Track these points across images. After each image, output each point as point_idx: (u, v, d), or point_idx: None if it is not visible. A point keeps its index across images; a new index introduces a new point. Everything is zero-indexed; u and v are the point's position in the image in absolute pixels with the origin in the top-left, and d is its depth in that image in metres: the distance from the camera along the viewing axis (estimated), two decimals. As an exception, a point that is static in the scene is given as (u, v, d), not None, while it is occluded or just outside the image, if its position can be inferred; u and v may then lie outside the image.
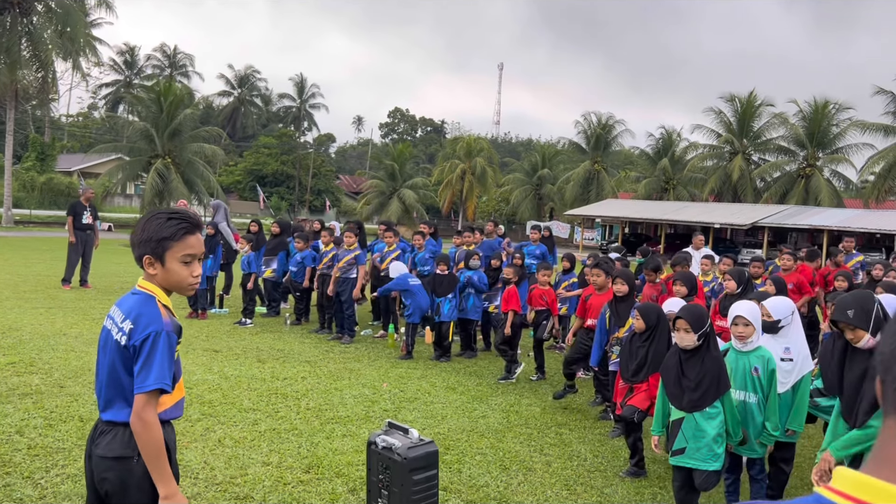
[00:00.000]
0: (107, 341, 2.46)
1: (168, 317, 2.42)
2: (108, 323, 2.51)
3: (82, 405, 5.91)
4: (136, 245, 2.44)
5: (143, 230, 2.43)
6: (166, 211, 2.51)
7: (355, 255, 9.50)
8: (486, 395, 7.23)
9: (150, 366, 2.31)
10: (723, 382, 3.79)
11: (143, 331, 2.33)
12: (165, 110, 36.71)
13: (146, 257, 2.41)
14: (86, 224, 13.23)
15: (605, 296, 6.78)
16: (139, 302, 2.42)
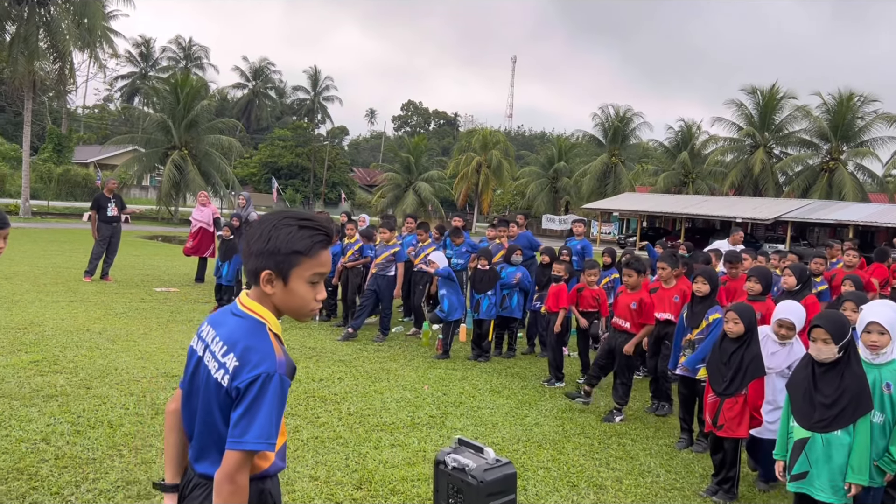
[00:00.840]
0: (200, 376, 2.00)
1: (282, 353, 1.94)
2: (198, 347, 2.05)
3: (111, 409, 5.54)
4: (254, 255, 1.95)
5: (267, 238, 1.94)
6: (296, 215, 2.00)
7: (394, 252, 9.08)
8: (534, 399, 6.81)
9: (253, 417, 1.82)
10: (863, 402, 3.33)
11: (251, 371, 1.85)
12: (182, 101, 36.46)
13: (266, 272, 1.94)
14: (111, 216, 12.90)
15: (634, 295, 6.40)
16: (247, 331, 1.93)
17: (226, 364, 1.89)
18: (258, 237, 1.96)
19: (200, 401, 1.97)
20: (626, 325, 6.37)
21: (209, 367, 1.95)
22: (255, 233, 1.98)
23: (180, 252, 19.60)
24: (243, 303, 2.00)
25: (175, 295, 11.85)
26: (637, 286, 6.48)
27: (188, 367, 2.08)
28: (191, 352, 2.08)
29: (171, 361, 7.19)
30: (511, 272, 8.72)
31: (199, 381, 1.99)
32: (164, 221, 36.36)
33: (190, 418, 2.04)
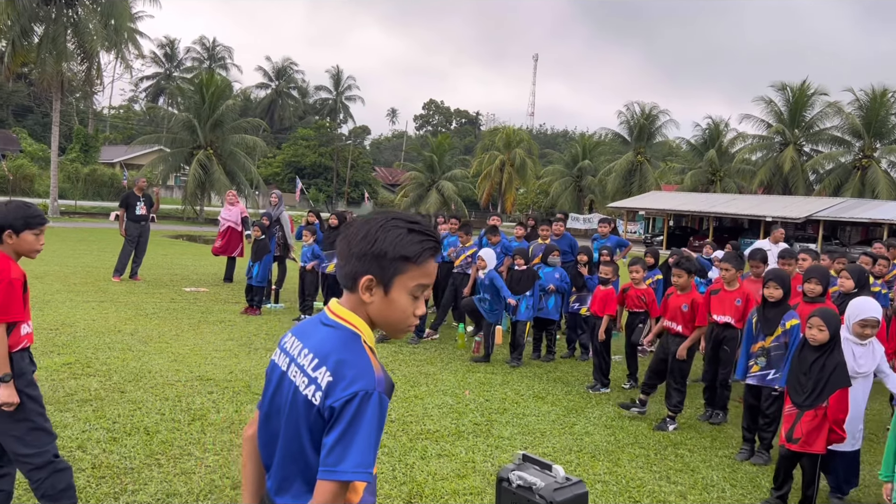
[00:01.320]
0: (284, 394, 1.74)
1: (380, 368, 1.68)
2: (281, 360, 1.80)
3: (146, 415, 5.36)
4: (355, 258, 1.71)
5: (373, 240, 1.69)
6: (404, 217, 1.75)
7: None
8: (581, 406, 6.53)
9: (350, 442, 1.56)
10: None
11: (346, 388, 1.59)
12: (208, 101, 36.56)
13: (367, 278, 1.69)
14: (139, 215, 12.79)
15: (685, 296, 6.12)
16: (340, 342, 1.68)
17: (317, 379, 1.63)
18: (362, 237, 1.70)
19: (284, 422, 1.71)
20: (679, 328, 6.08)
21: (296, 382, 1.69)
22: (358, 232, 1.72)
23: (208, 251, 19.56)
24: (334, 311, 1.75)
25: (205, 295, 11.72)
26: (687, 287, 6.20)
27: (269, 385, 1.82)
28: (272, 367, 1.83)
29: (206, 364, 7.01)
30: (548, 273, 8.45)
31: (283, 399, 1.74)
32: (189, 221, 36.49)
33: (269, 443, 1.79)
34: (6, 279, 3.28)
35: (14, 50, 29.76)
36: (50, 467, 3.33)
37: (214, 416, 5.40)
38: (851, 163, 43.76)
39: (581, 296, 8.56)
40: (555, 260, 8.47)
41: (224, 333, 8.62)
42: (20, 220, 3.33)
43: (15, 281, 3.30)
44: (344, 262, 1.73)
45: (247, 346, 8.02)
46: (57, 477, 3.34)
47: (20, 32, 29.24)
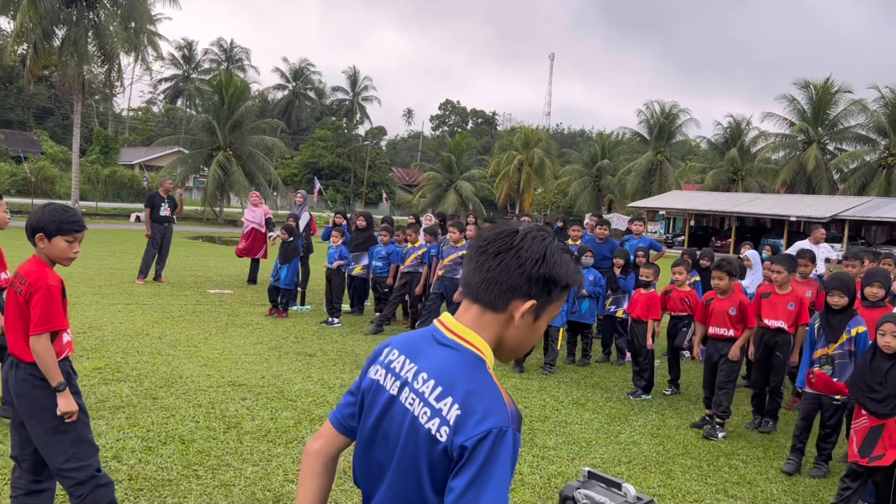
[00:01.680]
0: (394, 422, 1.52)
1: (510, 400, 1.45)
2: (387, 381, 1.56)
3: (180, 422, 5.21)
4: (524, 277, 1.48)
5: (551, 264, 1.48)
6: (561, 240, 1.55)
7: (462, 255, 8.63)
8: (623, 413, 6.32)
9: (483, 486, 1.34)
10: None
11: (478, 424, 1.37)
12: (227, 102, 36.63)
13: (531, 303, 1.49)
14: (164, 216, 12.70)
15: (729, 300, 5.89)
16: (465, 367, 1.46)
17: (442, 411, 1.42)
18: (539, 259, 1.48)
19: (397, 455, 1.49)
20: (729, 333, 5.84)
21: (414, 411, 1.47)
22: (532, 250, 1.49)
23: (229, 252, 19.52)
24: (450, 328, 1.53)
25: (230, 297, 11.61)
26: (728, 290, 5.98)
27: (371, 407, 1.58)
28: (373, 386, 1.59)
29: (236, 369, 6.87)
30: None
31: (393, 427, 1.51)
32: (209, 222, 36.56)
33: (372, 475, 1.58)
34: (44, 286, 3.14)
35: (36, 53, 29.95)
36: (93, 482, 3.18)
37: (249, 424, 5.24)
38: (877, 161, 43.08)
39: (617, 298, 8.33)
40: (587, 261, 8.24)
41: (252, 337, 8.49)
42: (53, 225, 3.18)
43: (53, 288, 3.16)
44: (505, 277, 1.48)
45: (276, 349, 7.88)
46: (100, 492, 3.20)
47: (42, 35, 29.41)
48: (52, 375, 3.11)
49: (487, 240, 1.53)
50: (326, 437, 1.72)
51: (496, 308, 1.49)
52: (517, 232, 1.52)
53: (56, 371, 3.12)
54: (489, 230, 1.55)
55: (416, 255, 9.33)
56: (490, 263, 1.49)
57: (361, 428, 1.62)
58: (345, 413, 1.69)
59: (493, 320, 1.50)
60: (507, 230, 1.53)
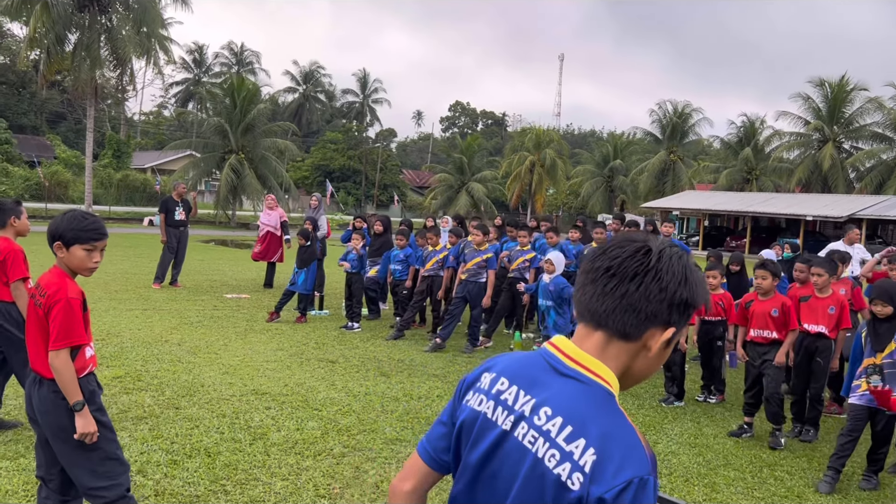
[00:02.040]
0: (510, 460, 1.32)
1: (645, 441, 1.27)
2: (498, 414, 1.36)
3: (205, 433, 5.06)
4: (665, 303, 1.30)
5: (692, 286, 1.31)
6: (673, 245, 1.36)
7: (486, 258, 8.47)
8: (657, 421, 6.13)
9: None
10: None
11: (618, 473, 1.20)
12: (239, 105, 36.63)
13: (671, 331, 1.32)
14: (178, 220, 12.60)
15: (771, 301, 5.68)
16: (595, 404, 1.28)
17: (573, 455, 1.23)
18: (682, 282, 1.31)
19: (514, 499, 1.30)
20: (772, 335, 5.63)
21: (538, 452, 1.28)
22: (673, 272, 1.31)
23: (244, 256, 19.43)
24: (572, 355, 1.34)
25: (247, 302, 11.49)
26: (771, 291, 5.78)
27: (477, 442, 1.38)
28: (478, 418, 1.39)
29: (258, 377, 6.72)
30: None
31: (507, 467, 1.33)
32: (221, 225, 36.56)
33: None
34: (63, 298, 2.97)
35: (49, 57, 30.03)
36: (122, 502, 3.03)
37: (276, 435, 5.09)
38: (894, 159, 42.58)
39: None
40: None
41: (273, 343, 8.34)
42: (70, 233, 3.01)
43: (73, 301, 2.99)
44: (633, 303, 1.29)
45: (298, 356, 7.73)
46: None
47: (55, 40, 29.48)
48: (70, 393, 2.95)
49: (616, 258, 1.33)
50: (417, 475, 1.52)
51: (629, 337, 1.31)
52: (650, 249, 1.33)
53: (75, 388, 2.96)
54: (613, 247, 1.35)
55: (437, 259, 9.17)
56: (625, 288, 1.30)
57: (463, 465, 1.42)
58: (438, 447, 1.50)
59: (624, 350, 1.32)
60: (638, 247, 1.33)
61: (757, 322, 5.73)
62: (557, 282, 7.35)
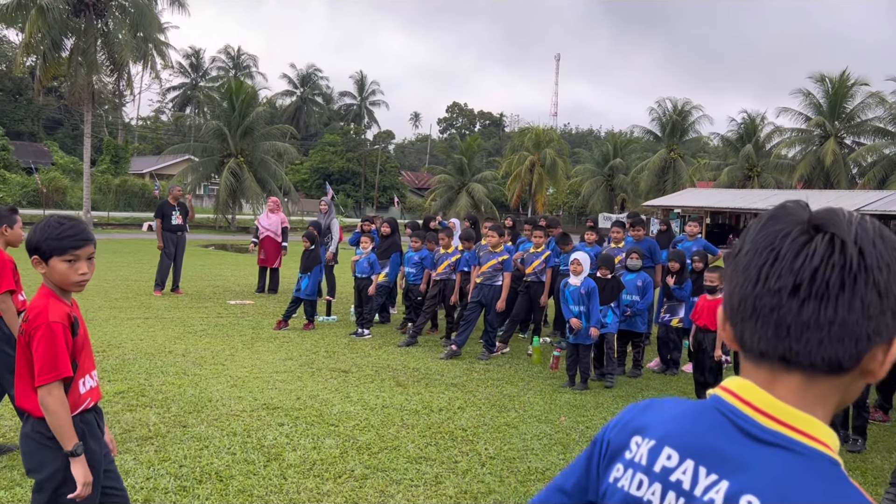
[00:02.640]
0: None
1: None
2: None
3: (215, 454, 4.72)
4: (883, 305, 0.88)
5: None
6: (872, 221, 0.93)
7: (502, 260, 8.13)
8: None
9: None
10: None
11: None
12: (237, 109, 36.29)
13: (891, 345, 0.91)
14: (176, 225, 12.23)
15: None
16: (823, 485, 0.86)
17: None
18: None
19: None
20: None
21: None
22: (887, 260, 0.89)
23: (246, 261, 19.10)
24: (770, 411, 0.93)
25: (252, 308, 11.15)
26: None
27: None
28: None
29: (269, 390, 6.38)
30: (630, 280, 7.70)
31: None
32: (221, 230, 36.21)
33: None
34: (43, 323, 2.48)
35: (45, 63, 29.68)
36: None
37: (291, 455, 4.75)
38: (896, 154, 42.31)
39: (672, 306, 7.80)
40: (635, 263, 7.72)
41: (281, 352, 8.00)
42: (46, 243, 2.52)
43: (54, 325, 2.49)
44: (850, 323, 0.88)
45: (308, 366, 7.38)
46: None
47: (51, 45, 29.13)
48: (63, 437, 2.48)
49: (802, 269, 0.89)
50: None
51: (842, 369, 0.91)
52: (843, 241, 0.89)
53: (69, 431, 2.49)
54: (782, 249, 0.91)
55: (450, 262, 8.82)
56: (831, 311, 0.88)
57: None
58: None
59: (834, 386, 0.93)
60: (822, 241, 0.90)
61: None
62: (588, 284, 6.97)
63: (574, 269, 7.02)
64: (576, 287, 7.02)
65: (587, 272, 7.01)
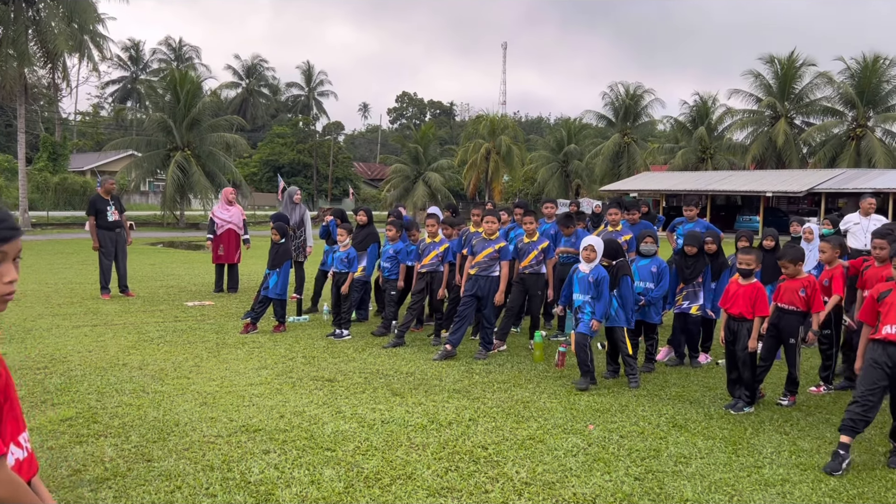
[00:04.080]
0: None
1: None
2: None
3: (192, 496, 3.81)
4: None
5: None
6: None
7: (499, 248, 7.29)
8: (738, 436, 5.08)
9: None
10: None
11: None
12: (182, 100, 34.61)
13: None
14: (112, 222, 11.06)
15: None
16: None
17: None
18: None
19: None
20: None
21: None
22: None
23: (199, 258, 17.90)
24: None
25: (212, 309, 10.14)
26: None
27: None
28: None
29: (245, 406, 5.46)
30: (643, 266, 6.98)
31: None
32: (169, 227, 34.59)
33: None
34: None
35: (-29, 54, 27.68)
36: None
37: (286, 494, 3.87)
38: (845, 133, 43.00)
39: (690, 291, 7.11)
40: (649, 248, 7.00)
41: (253, 360, 7.06)
42: None
43: None
44: None
45: (287, 375, 6.48)
46: None
47: (-24, 35, 27.17)
48: None
49: None
50: None
51: None
52: None
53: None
54: None
55: (438, 252, 7.98)
56: None
57: None
58: None
59: None
60: None
61: (885, 309, 4.57)
62: (598, 272, 6.22)
63: (586, 257, 6.28)
64: (584, 274, 6.28)
65: (600, 259, 6.28)
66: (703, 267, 7.12)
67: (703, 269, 7.12)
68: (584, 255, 6.29)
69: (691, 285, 7.08)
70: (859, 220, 9.78)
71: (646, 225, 8.58)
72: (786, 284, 5.81)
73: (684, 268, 7.06)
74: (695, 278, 7.11)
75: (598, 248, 6.24)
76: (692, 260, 7.08)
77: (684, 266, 7.06)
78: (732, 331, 5.73)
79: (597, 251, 6.22)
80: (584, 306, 6.26)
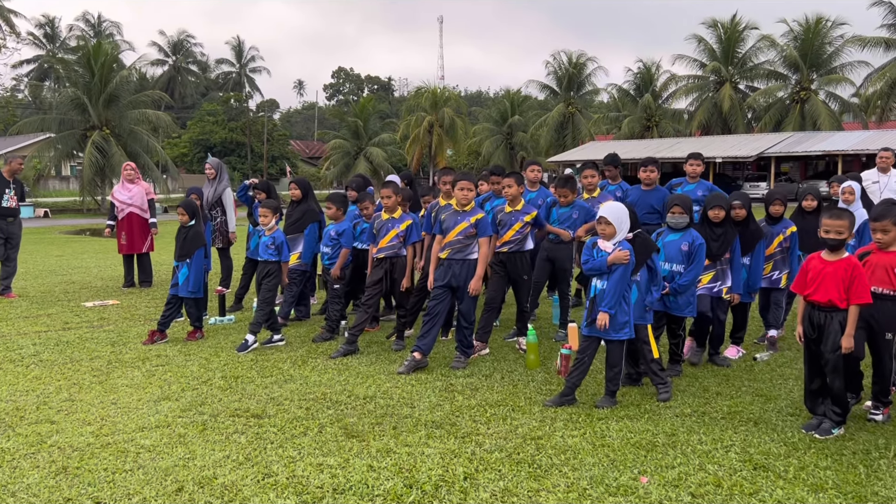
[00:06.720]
0: None
1: None
2: None
3: None
4: None
5: None
6: None
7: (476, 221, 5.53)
8: (854, 481, 3.54)
9: None
10: None
11: None
12: (97, 74, 31.58)
13: None
14: (6, 208, 9.01)
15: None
16: None
17: None
18: None
19: None
20: None
21: None
22: None
23: (114, 248, 15.70)
24: None
25: (115, 311, 8.18)
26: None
27: None
28: None
29: (125, 473, 3.62)
30: (672, 241, 5.33)
31: None
32: (91, 213, 31.74)
33: None
34: None
35: None
36: None
37: None
38: (790, 96, 42.74)
39: (719, 270, 5.55)
40: (678, 220, 5.33)
41: (152, 386, 5.20)
42: None
43: None
44: None
45: (195, 409, 4.64)
46: None
47: None
48: None
49: None
50: None
51: None
52: None
53: None
54: None
55: (398, 231, 6.17)
56: None
57: None
58: None
59: None
60: None
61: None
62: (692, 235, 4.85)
63: (604, 232, 4.62)
64: (605, 254, 4.63)
65: (621, 236, 4.63)
66: (732, 238, 5.57)
67: (733, 240, 5.58)
68: (601, 230, 4.63)
69: (719, 262, 5.52)
70: (878, 178, 8.45)
71: (662, 192, 7.03)
72: (875, 258, 4.27)
73: (711, 240, 5.47)
74: (723, 253, 5.55)
75: (614, 220, 4.58)
76: (720, 230, 5.51)
77: (711, 238, 5.46)
78: (817, 325, 4.14)
79: (614, 224, 4.58)
80: (602, 294, 4.57)
